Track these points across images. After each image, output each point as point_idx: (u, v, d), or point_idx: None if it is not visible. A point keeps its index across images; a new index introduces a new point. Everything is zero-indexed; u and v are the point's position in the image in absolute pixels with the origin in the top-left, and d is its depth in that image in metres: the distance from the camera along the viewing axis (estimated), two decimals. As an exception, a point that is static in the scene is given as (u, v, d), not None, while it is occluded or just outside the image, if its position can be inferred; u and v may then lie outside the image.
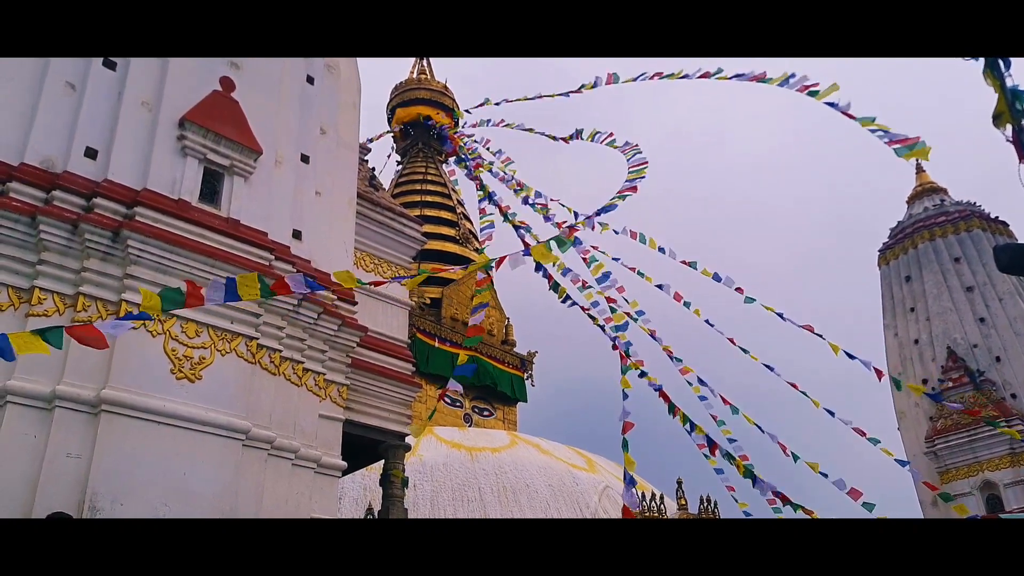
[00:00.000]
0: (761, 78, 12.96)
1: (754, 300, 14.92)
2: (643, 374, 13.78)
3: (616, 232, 16.16)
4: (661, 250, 15.69)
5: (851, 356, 14.14)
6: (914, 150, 9.40)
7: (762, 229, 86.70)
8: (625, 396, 11.55)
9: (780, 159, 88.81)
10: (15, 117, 8.55)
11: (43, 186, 8.36)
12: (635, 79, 15.99)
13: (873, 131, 10.16)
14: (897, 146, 9.58)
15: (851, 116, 10.94)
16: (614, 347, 13.98)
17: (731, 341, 15.04)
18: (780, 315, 14.63)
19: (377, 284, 9.85)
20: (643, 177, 14.68)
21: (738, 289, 15.04)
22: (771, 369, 14.63)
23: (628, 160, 15.71)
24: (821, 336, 14.25)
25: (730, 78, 13.46)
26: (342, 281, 7.17)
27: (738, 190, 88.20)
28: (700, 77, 14.18)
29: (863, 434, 14.30)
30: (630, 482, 10.70)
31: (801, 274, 79.42)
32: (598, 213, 12.00)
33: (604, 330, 14.58)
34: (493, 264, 7.87)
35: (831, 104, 11.37)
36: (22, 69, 8.73)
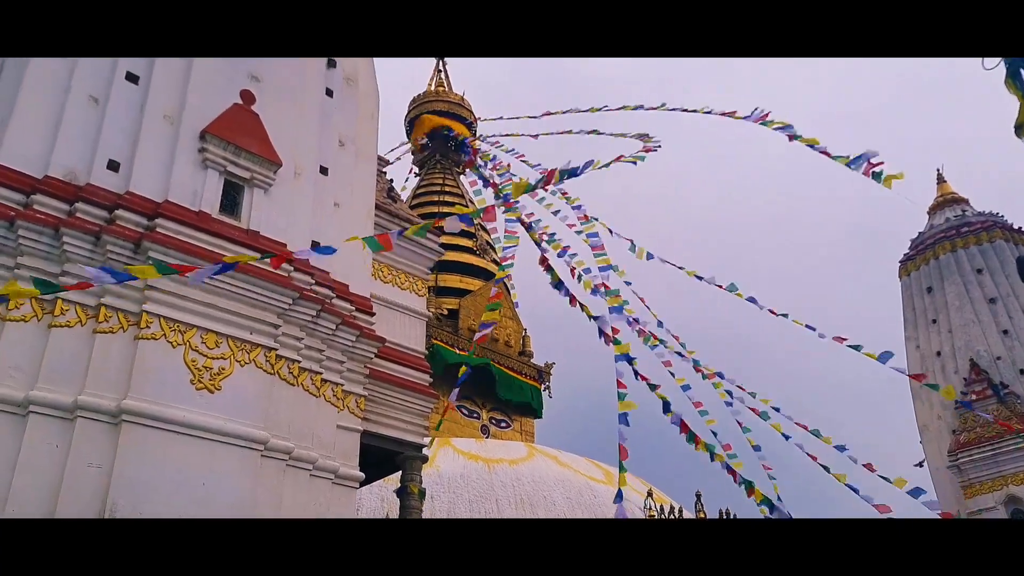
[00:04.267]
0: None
1: (787, 316, 14.77)
2: (667, 407, 13.76)
3: (650, 256, 16.15)
4: (699, 278, 15.74)
5: (876, 357, 13.94)
6: (888, 176, 9.72)
7: (778, 233, 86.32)
8: (622, 421, 11.60)
9: (798, 165, 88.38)
10: (40, 130, 8.68)
11: (67, 198, 8.46)
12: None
13: (849, 164, 10.36)
14: (874, 170, 9.91)
15: (827, 154, 11.22)
16: (637, 376, 14.07)
17: (772, 311, 14.99)
18: (811, 328, 14.47)
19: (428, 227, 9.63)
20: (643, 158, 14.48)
21: (771, 311, 14.91)
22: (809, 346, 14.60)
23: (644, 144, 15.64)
24: (857, 348, 14.04)
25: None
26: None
27: (757, 194, 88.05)
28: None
29: (873, 470, 14.25)
30: (619, 497, 10.84)
31: (816, 279, 78.84)
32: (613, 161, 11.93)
33: (632, 365, 14.52)
34: (505, 278, 8.04)
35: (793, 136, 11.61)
36: (46, 82, 8.87)
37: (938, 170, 32.00)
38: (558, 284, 16.49)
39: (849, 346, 14.25)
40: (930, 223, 30.95)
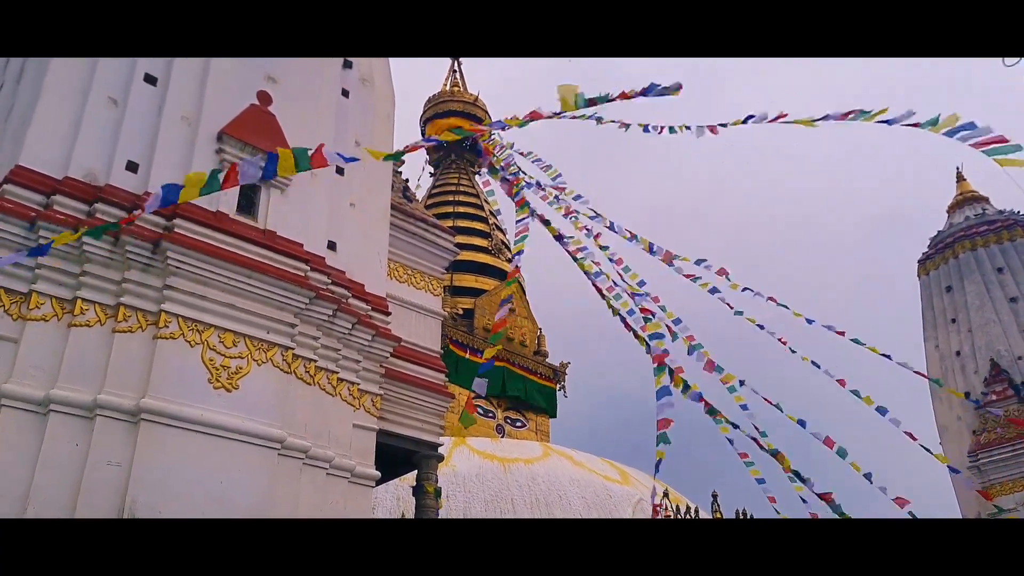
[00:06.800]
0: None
1: (862, 343, 14.16)
2: (686, 388, 13.46)
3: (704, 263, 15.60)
4: (747, 289, 15.20)
5: (888, 357, 13.59)
6: (1008, 156, 8.13)
7: (797, 230, 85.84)
8: (661, 395, 11.17)
9: (820, 164, 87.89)
10: (60, 132, 8.76)
11: (86, 199, 8.54)
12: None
13: (951, 133, 9.16)
14: (989, 147, 8.33)
15: (916, 125, 10.05)
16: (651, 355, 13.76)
17: (781, 342, 14.70)
18: (857, 341, 14.04)
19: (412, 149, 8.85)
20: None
21: (839, 332, 14.28)
22: (818, 366, 14.21)
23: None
24: (888, 357, 13.64)
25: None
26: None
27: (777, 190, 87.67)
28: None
29: (914, 438, 13.74)
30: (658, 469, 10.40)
31: (832, 279, 78.30)
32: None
33: (640, 336, 14.20)
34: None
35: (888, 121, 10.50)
36: (67, 85, 8.95)
37: (958, 168, 31.70)
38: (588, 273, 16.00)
39: (884, 355, 13.80)
40: (949, 221, 30.66)
